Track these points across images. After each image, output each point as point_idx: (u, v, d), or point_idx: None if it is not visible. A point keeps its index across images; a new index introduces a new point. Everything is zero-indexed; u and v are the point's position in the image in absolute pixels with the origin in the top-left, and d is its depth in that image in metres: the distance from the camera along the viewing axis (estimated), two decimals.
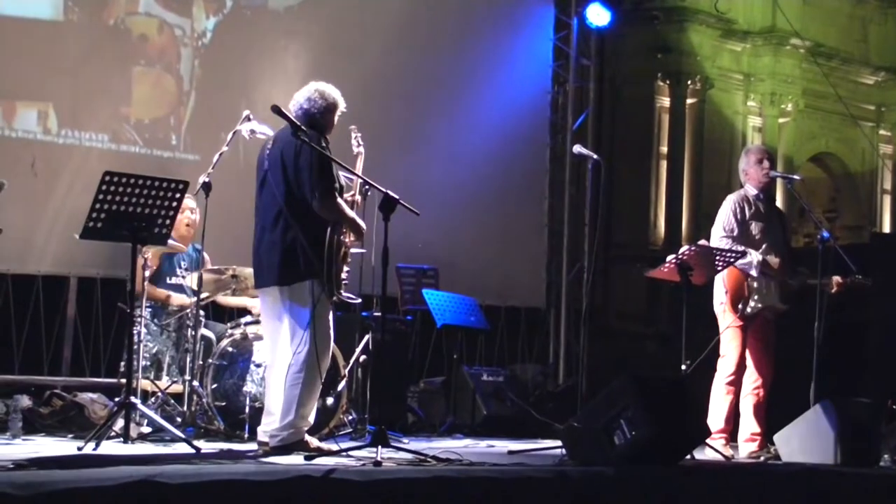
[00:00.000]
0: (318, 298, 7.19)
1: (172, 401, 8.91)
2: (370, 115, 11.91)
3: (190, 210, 9.45)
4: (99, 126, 11.32)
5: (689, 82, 22.70)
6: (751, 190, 9.14)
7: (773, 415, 8.92)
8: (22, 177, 10.76)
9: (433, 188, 12.47)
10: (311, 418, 7.36)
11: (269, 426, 7.39)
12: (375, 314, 9.89)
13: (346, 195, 7.58)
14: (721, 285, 8.95)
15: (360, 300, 9.40)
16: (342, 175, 7.54)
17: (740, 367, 8.89)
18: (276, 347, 7.46)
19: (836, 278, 8.92)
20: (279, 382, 7.31)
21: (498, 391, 11.44)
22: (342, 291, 7.45)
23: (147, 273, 8.80)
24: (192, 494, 5.02)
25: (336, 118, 7.60)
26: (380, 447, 6.69)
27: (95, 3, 11.45)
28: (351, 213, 7.44)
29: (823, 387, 8.68)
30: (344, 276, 7.46)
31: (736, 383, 8.91)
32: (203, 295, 8.94)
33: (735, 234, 8.92)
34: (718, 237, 8.93)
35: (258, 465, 6.22)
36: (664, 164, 22.61)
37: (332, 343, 7.52)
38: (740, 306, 8.83)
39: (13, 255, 10.80)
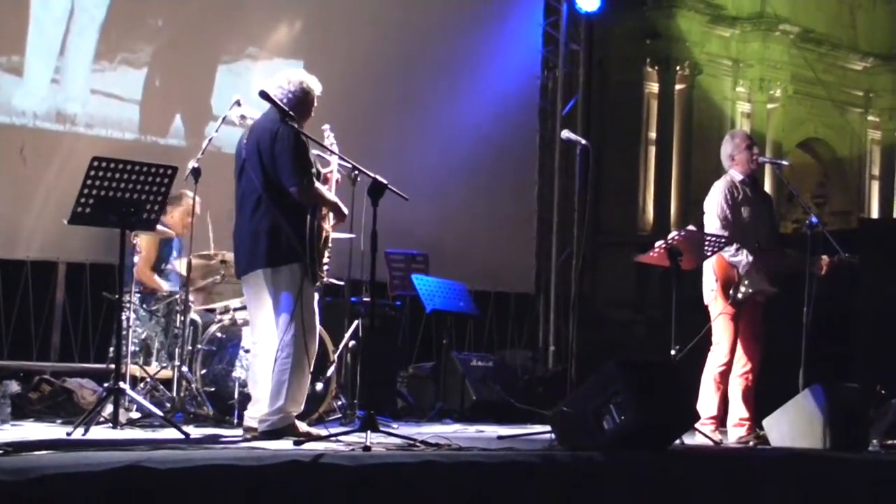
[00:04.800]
0: (301, 282, 7.19)
1: (161, 386, 8.93)
2: (359, 101, 11.96)
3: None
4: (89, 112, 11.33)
5: (677, 68, 22.69)
6: (736, 175, 9.12)
7: (762, 400, 8.93)
8: (11, 163, 10.75)
9: (422, 173, 12.48)
10: (301, 404, 7.36)
11: (256, 413, 7.39)
12: (364, 299, 9.87)
13: (323, 171, 7.58)
14: (711, 272, 8.94)
15: (343, 283, 9.41)
16: (317, 159, 7.54)
17: (732, 355, 8.90)
18: (261, 334, 7.46)
19: (824, 257, 8.94)
20: (265, 369, 7.31)
21: (486, 377, 11.44)
22: (325, 275, 7.47)
23: (136, 258, 8.80)
24: (181, 479, 5.02)
25: (313, 104, 7.55)
26: (369, 432, 6.69)
27: None
28: (330, 196, 7.44)
29: (812, 372, 8.70)
30: (326, 260, 7.46)
31: (728, 371, 8.91)
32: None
33: (729, 219, 8.90)
34: (715, 228, 8.91)
35: (247, 451, 6.21)
36: (653, 150, 22.61)
37: (318, 327, 7.51)
38: (731, 292, 8.83)
39: (1, 241, 10.79)
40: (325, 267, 7.47)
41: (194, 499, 5.02)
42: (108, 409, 7.52)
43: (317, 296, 7.56)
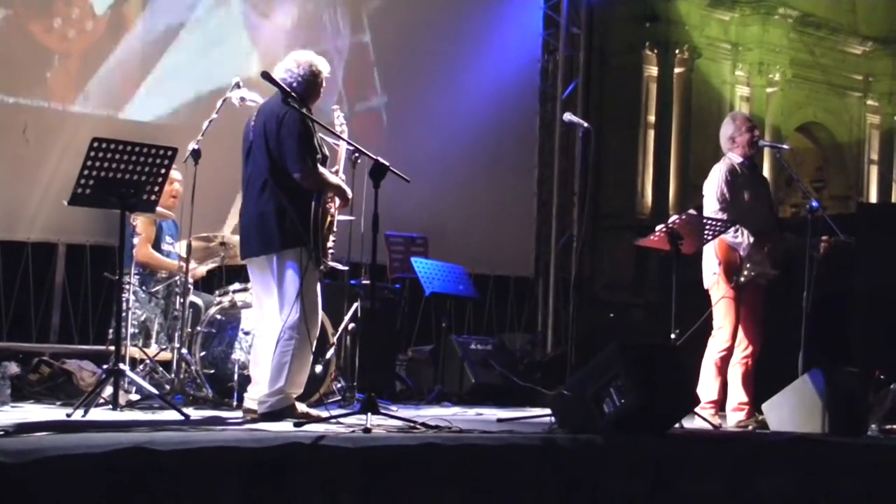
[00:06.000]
0: (306, 267, 7.19)
1: (161, 368, 8.91)
2: (361, 84, 11.93)
3: (178, 182, 9.46)
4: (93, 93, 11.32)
5: (676, 52, 22.65)
6: (736, 158, 9.11)
7: (761, 384, 8.94)
8: (13, 144, 10.74)
9: (422, 156, 12.48)
10: (302, 386, 7.37)
11: (255, 394, 7.40)
12: (364, 282, 9.88)
13: (330, 169, 7.55)
14: (713, 256, 8.93)
15: (347, 268, 9.41)
16: (326, 143, 7.52)
17: (734, 339, 8.89)
18: (265, 316, 7.46)
19: (823, 238, 8.92)
20: (267, 351, 7.31)
21: (486, 360, 11.43)
22: (329, 259, 7.47)
23: (135, 240, 8.79)
24: (183, 461, 5.02)
25: (322, 85, 7.55)
26: (369, 414, 6.70)
27: None
28: (335, 180, 7.43)
29: (811, 356, 8.69)
30: (331, 244, 7.46)
31: (729, 356, 8.91)
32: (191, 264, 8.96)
33: (729, 202, 8.89)
34: (713, 210, 8.90)
35: (248, 432, 6.22)
36: (652, 134, 22.58)
37: (320, 311, 7.51)
38: (734, 276, 8.82)
39: (3, 223, 10.78)
40: (331, 251, 7.47)
41: (195, 480, 5.02)
42: (108, 390, 7.52)
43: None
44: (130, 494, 4.82)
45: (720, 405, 8.93)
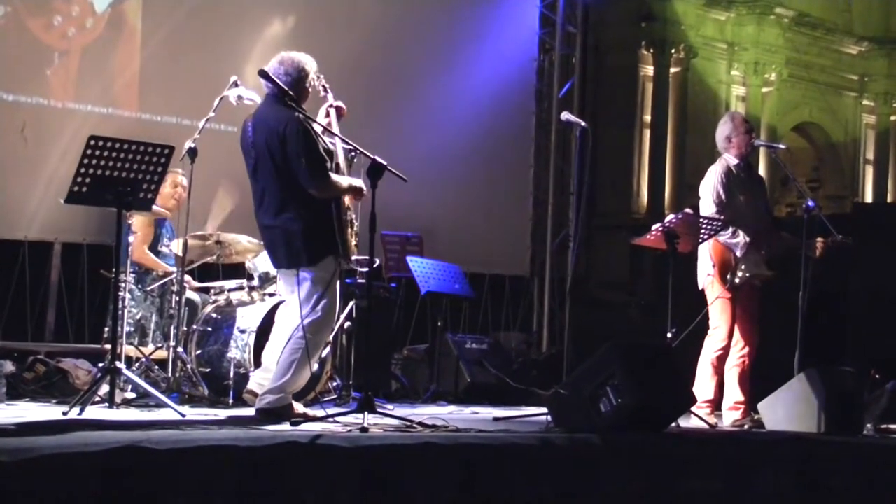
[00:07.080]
0: (334, 273, 7.24)
1: (157, 367, 8.90)
2: (357, 84, 11.93)
3: (182, 187, 9.44)
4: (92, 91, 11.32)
5: (672, 51, 22.69)
6: (731, 159, 9.10)
7: (757, 383, 8.94)
8: (11, 142, 10.72)
9: (418, 155, 12.44)
10: (301, 386, 7.37)
11: (263, 379, 7.41)
12: (360, 281, 9.87)
13: (332, 164, 7.54)
14: (707, 257, 8.92)
15: (377, 262, 9.29)
16: (325, 141, 7.49)
17: (730, 339, 8.89)
18: (293, 311, 7.41)
19: (819, 239, 8.92)
20: (282, 343, 7.29)
21: (481, 360, 11.43)
22: (353, 257, 7.51)
23: (131, 238, 8.78)
24: (180, 460, 5.02)
25: (309, 83, 7.50)
26: (366, 413, 6.69)
27: None
28: (347, 182, 7.39)
29: (807, 355, 8.69)
30: (354, 241, 7.47)
31: (725, 356, 8.90)
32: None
33: (725, 202, 8.88)
34: (710, 212, 8.87)
35: (245, 431, 6.21)
36: (647, 133, 22.62)
37: (336, 315, 7.53)
38: (729, 276, 8.82)
39: (1, 221, 10.78)
40: (354, 247, 7.50)
41: (192, 479, 5.02)
42: (104, 389, 7.51)
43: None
44: (126, 493, 4.82)
45: (716, 404, 8.93)
